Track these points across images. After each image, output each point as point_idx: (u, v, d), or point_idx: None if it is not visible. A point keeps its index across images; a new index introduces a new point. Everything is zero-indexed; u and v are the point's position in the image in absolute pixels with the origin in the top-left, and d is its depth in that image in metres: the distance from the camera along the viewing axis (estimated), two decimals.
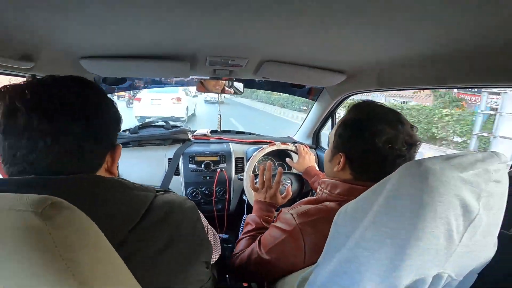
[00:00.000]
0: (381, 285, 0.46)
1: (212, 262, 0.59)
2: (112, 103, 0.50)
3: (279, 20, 0.64)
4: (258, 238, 0.74)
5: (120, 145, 0.52)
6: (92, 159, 0.46)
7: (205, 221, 0.60)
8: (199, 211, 0.57)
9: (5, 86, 0.42)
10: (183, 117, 9.49)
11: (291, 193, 1.01)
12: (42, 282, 0.24)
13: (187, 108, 9.87)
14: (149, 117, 8.81)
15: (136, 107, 9.09)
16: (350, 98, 1.50)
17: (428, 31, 0.66)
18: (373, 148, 0.64)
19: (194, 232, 0.51)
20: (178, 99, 9.26)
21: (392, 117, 0.66)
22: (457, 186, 0.42)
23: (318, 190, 0.75)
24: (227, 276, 1.00)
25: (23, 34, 0.73)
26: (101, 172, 0.48)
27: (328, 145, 0.81)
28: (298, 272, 0.59)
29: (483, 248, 0.52)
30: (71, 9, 0.58)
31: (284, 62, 1.12)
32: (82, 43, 0.90)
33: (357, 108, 0.73)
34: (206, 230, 0.58)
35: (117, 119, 0.51)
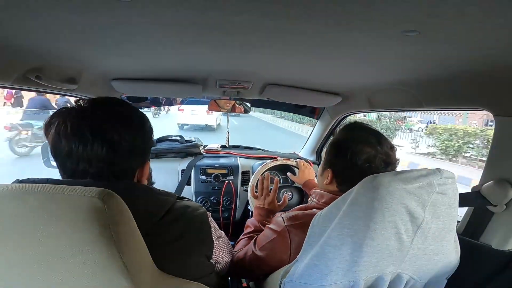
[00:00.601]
0: (344, 278, 0.55)
1: (215, 261, 0.69)
2: (142, 121, 0.57)
3: (278, 50, 0.77)
4: (254, 238, 0.84)
5: (149, 162, 0.61)
6: (123, 176, 0.56)
7: (218, 231, 0.70)
8: (210, 219, 0.67)
9: (53, 115, 0.52)
10: (213, 125, 11.51)
11: (287, 201, 1.11)
12: (95, 242, 0.37)
13: (217, 118, 11.69)
14: (187, 124, 11.52)
15: (179, 116, 11.41)
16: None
17: (406, 62, 0.77)
18: (354, 166, 0.73)
19: (200, 231, 0.62)
20: (209, 111, 10.45)
21: (372, 139, 0.74)
22: (402, 196, 0.51)
23: (309, 199, 0.85)
24: (229, 278, 1.09)
25: (72, 63, 0.92)
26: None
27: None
28: (283, 267, 0.69)
29: (440, 252, 0.59)
30: (109, 43, 0.75)
31: (285, 85, 1.26)
32: (115, 68, 1.10)
33: (344, 130, 0.83)
34: (219, 236, 0.69)
35: (146, 139, 0.58)
